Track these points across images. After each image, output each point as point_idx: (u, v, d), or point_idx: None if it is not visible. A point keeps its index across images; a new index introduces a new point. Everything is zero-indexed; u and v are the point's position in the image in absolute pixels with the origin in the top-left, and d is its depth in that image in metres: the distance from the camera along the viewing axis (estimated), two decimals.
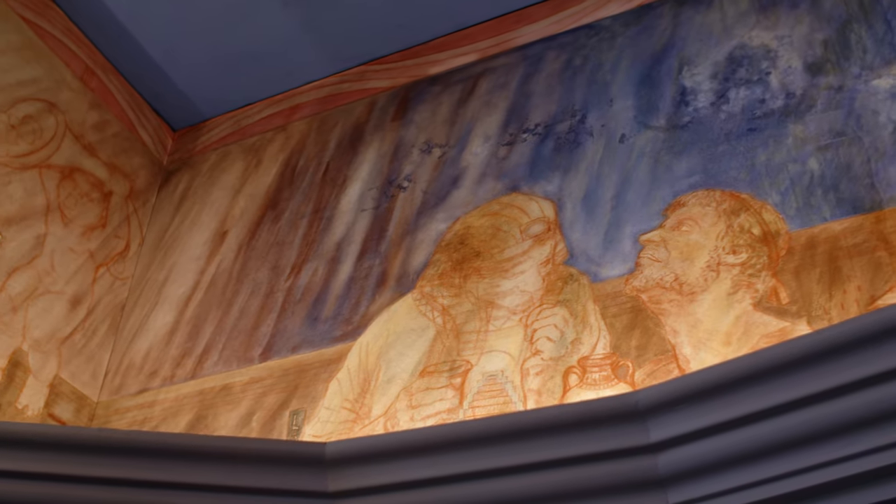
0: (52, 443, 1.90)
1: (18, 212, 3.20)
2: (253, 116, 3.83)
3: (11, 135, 3.26)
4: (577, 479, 1.76)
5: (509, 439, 1.83)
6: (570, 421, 1.82)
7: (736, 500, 1.67)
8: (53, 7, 3.56)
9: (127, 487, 1.89)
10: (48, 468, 1.88)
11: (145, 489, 1.89)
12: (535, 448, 1.82)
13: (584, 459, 1.77)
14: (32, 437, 1.91)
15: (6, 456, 1.87)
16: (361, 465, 1.89)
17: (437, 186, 3.14)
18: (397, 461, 1.89)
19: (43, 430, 1.96)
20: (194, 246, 3.52)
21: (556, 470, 1.78)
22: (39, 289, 3.18)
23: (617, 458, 1.76)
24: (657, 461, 1.73)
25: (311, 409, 2.79)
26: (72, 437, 1.93)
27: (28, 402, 3.01)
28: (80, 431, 1.96)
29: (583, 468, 1.76)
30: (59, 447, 1.90)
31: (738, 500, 1.67)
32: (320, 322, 3.00)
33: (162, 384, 3.15)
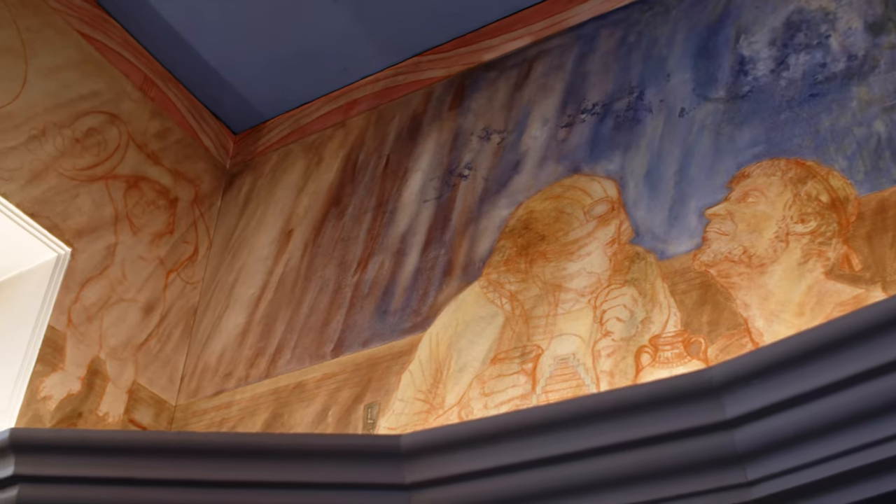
0: (134, 448, 1.93)
1: (88, 223, 3.26)
2: (311, 115, 3.86)
3: (77, 148, 3.31)
4: (654, 459, 1.75)
5: (584, 422, 1.82)
6: (644, 401, 1.80)
7: (817, 472, 1.64)
8: (110, 20, 3.61)
9: (208, 488, 1.91)
10: (132, 473, 1.91)
11: (226, 489, 1.92)
12: (610, 430, 1.81)
13: (660, 439, 1.75)
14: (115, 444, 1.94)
15: (90, 463, 1.91)
16: (437, 455, 1.89)
17: (498, 173, 3.13)
18: (473, 450, 1.89)
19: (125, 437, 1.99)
20: (261, 246, 3.55)
21: (632, 451, 1.76)
22: (113, 298, 3.24)
23: (693, 437, 1.74)
24: (734, 437, 1.71)
25: (385, 402, 2.81)
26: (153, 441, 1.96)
27: (109, 409, 3.07)
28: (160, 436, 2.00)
29: (659, 448, 1.75)
30: (141, 452, 1.93)
31: (820, 472, 1.64)
32: (389, 315, 3.01)
33: (237, 385, 3.18)
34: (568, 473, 1.82)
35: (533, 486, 1.81)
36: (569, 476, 1.82)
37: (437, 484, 1.90)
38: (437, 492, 1.89)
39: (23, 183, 3.10)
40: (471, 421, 1.91)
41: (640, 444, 1.77)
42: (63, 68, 3.37)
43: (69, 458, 1.90)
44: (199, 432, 1.94)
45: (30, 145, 3.17)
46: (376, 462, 1.92)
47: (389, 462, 1.92)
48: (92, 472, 1.90)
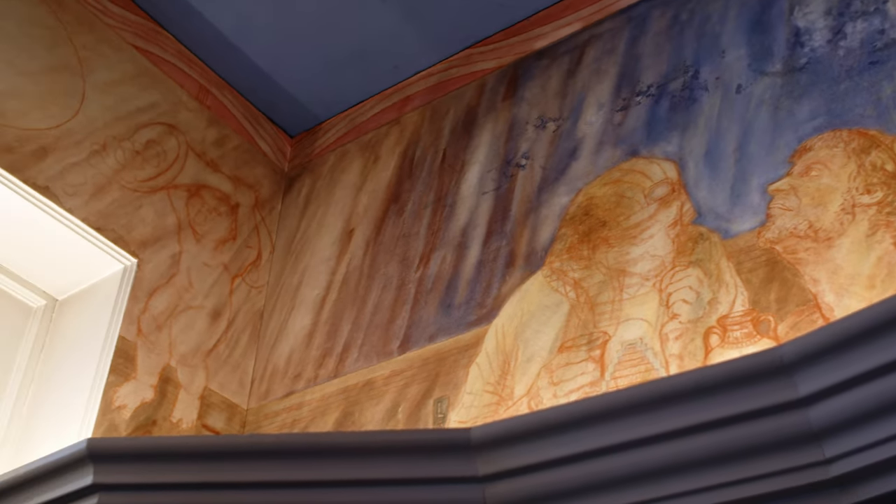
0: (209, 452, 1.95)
1: (152, 234, 3.30)
2: (366, 113, 3.87)
3: (137, 160, 3.36)
4: (728, 441, 1.73)
5: (655, 407, 1.80)
6: (715, 382, 1.78)
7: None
8: (163, 33, 3.65)
9: (283, 489, 1.93)
10: (208, 477, 1.93)
11: (301, 489, 1.93)
12: (682, 413, 1.79)
13: (733, 420, 1.73)
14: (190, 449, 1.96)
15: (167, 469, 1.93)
16: (509, 446, 1.89)
17: (556, 160, 3.12)
18: (544, 439, 1.88)
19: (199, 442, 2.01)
20: (323, 247, 3.57)
21: (705, 434, 1.74)
22: (180, 305, 3.28)
23: (766, 416, 1.71)
24: (808, 415, 1.68)
25: (454, 396, 2.81)
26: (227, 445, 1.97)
27: (182, 415, 3.11)
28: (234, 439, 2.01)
29: (732, 429, 1.73)
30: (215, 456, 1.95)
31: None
32: (454, 309, 3.01)
33: (307, 385, 3.21)
34: (641, 459, 1.80)
35: (607, 473, 1.80)
36: (642, 461, 1.80)
37: (510, 475, 1.89)
38: (510, 483, 1.88)
39: (87, 198, 3.15)
40: (541, 410, 1.90)
41: (713, 427, 1.75)
42: (120, 82, 3.41)
43: (146, 465, 1.93)
44: (272, 434, 1.96)
45: (92, 160, 3.22)
46: (448, 456, 1.92)
47: (461, 455, 1.92)
48: (169, 477, 1.92)
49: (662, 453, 1.77)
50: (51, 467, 1.94)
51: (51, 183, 3.08)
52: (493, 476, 1.89)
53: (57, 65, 3.24)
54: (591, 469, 1.83)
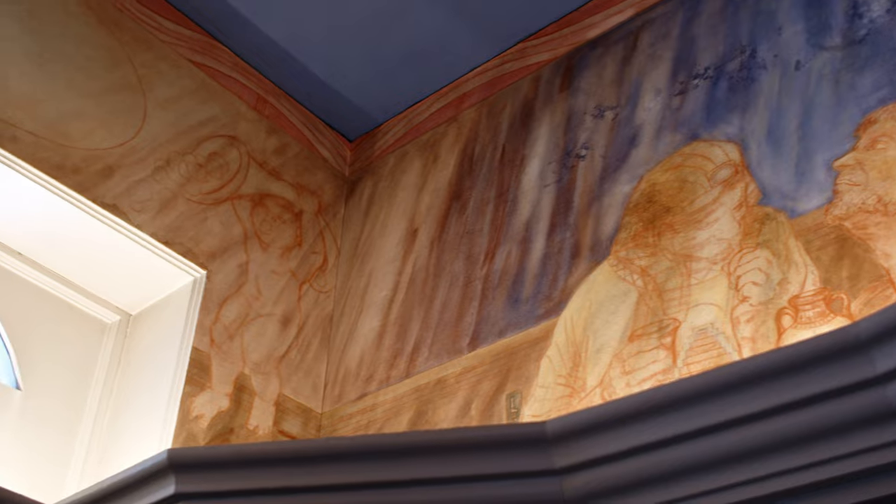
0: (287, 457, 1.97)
1: (219, 245, 3.34)
2: (423, 113, 3.88)
3: (201, 173, 3.40)
4: (805, 421, 1.70)
5: (730, 391, 1.78)
6: (790, 364, 1.75)
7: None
8: (218, 46, 3.69)
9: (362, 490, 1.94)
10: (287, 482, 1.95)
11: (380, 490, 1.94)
12: (757, 397, 1.77)
13: (810, 401, 1.70)
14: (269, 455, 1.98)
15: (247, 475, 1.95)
16: (584, 437, 1.88)
17: (616, 149, 3.10)
18: (620, 429, 1.87)
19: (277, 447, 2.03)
20: (388, 249, 3.59)
21: (782, 416, 1.72)
22: (251, 314, 3.32)
23: (844, 395, 1.68)
24: (887, 392, 1.65)
25: (526, 390, 2.81)
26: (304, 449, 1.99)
27: (258, 422, 3.15)
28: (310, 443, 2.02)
29: (809, 410, 1.70)
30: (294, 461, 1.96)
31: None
32: (521, 303, 3.01)
33: (379, 387, 3.23)
34: (718, 444, 1.78)
35: (684, 460, 1.79)
36: (720, 447, 1.78)
37: (587, 466, 1.88)
38: (588, 474, 1.87)
39: (154, 213, 3.20)
40: (615, 400, 1.88)
41: (790, 409, 1.72)
42: (179, 98, 3.46)
43: (226, 472, 1.95)
44: (348, 436, 1.97)
45: (156, 176, 3.27)
46: (524, 450, 1.91)
47: (537, 449, 1.91)
48: (249, 484, 1.94)
49: (739, 438, 1.75)
50: (133, 479, 1.97)
51: (118, 200, 3.13)
52: (570, 468, 1.88)
53: (117, 84, 3.30)
54: (667, 457, 1.82)
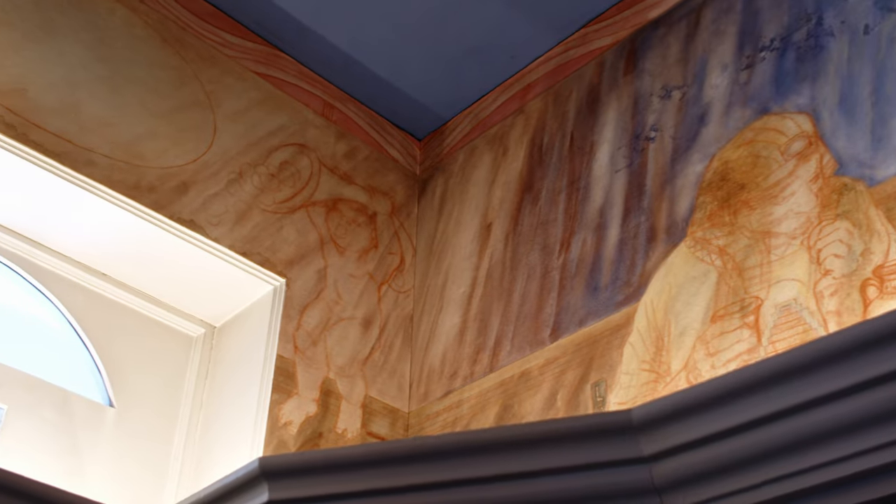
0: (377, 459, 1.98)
1: (296, 252, 3.38)
2: (489, 107, 3.87)
3: (273, 183, 3.44)
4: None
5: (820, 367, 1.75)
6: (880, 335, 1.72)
7: None
8: (282, 56, 3.73)
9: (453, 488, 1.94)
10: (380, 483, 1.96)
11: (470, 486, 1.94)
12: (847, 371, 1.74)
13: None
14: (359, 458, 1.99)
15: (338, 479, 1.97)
16: (671, 423, 1.86)
17: (685, 129, 3.06)
18: (708, 412, 1.85)
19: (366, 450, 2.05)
20: (464, 245, 3.59)
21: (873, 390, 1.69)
22: (332, 318, 3.35)
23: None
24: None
25: (610, 378, 2.79)
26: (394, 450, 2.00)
27: (346, 425, 3.18)
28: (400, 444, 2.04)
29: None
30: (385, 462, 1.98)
31: None
32: (600, 291, 2.99)
33: (464, 383, 3.23)
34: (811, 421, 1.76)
35: (775, 440, 1.76)
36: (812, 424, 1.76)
37: (676, 452, 1.86)
38: (677, 460, 1.86)
39: (230, 225, 3.25)
40: (701, 383, 1.86)
41: (882, 382, 1.69)
42: (247, 110, 3.51)
43: (318, 477, 1.97)
44: (435, 435, 1.98)
45: (230, 188, 3.31)
46: (611, 439, 1.90)
47: (625, 437, 1.90)
48: (342, 487, 1.96)
49: (831, 414, 1.72)
50: (227, 488, 2.00)
51: (195, 215, 3.18)
52: (658, 455, 1.87)
53: (187, 102, 3.35)
54: (758, 438, 1.79)
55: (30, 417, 2.89)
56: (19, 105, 2.95)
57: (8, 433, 2.83)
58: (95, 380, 3.13)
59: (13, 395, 2.88)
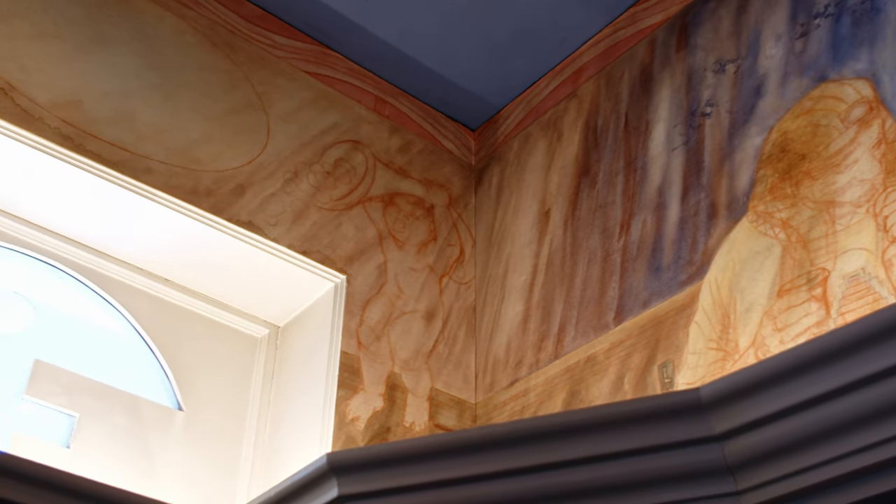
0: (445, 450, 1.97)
1: (355, 248, 3.39)
2: (541, 93, 3.85)
3: (329, 181, 3.45)
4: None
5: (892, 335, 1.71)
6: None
7: None
8: (332, 54, 3.74)
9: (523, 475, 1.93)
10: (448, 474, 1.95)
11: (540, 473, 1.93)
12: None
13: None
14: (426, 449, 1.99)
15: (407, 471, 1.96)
16: (741, 400, 1.83)
17: (741, 102, 3.01)
18: (778, 387, 1.81)
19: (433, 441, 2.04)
20: (523, 233, 3.57)
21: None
22: (394, 313, 3.35)
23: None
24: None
25: (678, 359, 2.76)
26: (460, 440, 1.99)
27: (413, 418, 3.18)
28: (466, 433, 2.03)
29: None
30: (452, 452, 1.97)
31: None
32: (663, 271, 2.96)
33: (529, 371, 3.22)
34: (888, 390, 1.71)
35: (848, 413, 1.72)
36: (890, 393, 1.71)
37: (747, 429, 1.83)
38: (749, 437, 1.82)
39: (289, 225, 3.26)
40: (770, 358, 1.83)
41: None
42: (299, 110, 3.52)
43: (386, 470, 1.97)
44: (502, 423, 1.97)
45: (287, 188, 3.33)
46: (681, 419, 1.88)
47: (694, 416, 1.87)
48: (410, 479, 1.96)
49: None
50: (297, 486, 2.01)
51: (253, 217, 3.20)
52: (730, 433, 1.84)
53: (239, 105, 3.37)
54: (833, 411, 1.76)
55: (101, 424, 2.93)
56: (75, 117, 2.99)
57: (80, 440, 2.87)
58: (163, 384, 3.16)
59: (84, 402, 2.92)
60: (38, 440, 2.80)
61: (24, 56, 2.97)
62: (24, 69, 2.96)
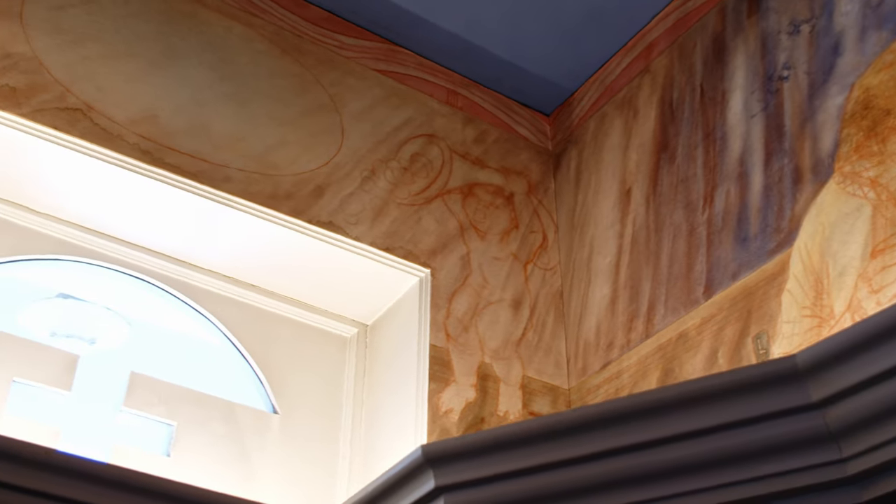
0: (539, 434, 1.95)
1: (437, 241, 3.38)
2: (614, 71, 3.80)
3: (406, 176, 3.46)
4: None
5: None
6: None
7: None
8: (400, 50, 3.74)
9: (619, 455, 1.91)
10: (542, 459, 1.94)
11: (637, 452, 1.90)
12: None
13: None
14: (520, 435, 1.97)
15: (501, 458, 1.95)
16: (839, 365, 1.78)
17: (819, 62, 2.93)
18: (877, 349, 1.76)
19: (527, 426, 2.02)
20: (605, 214, 3.54)
21: None
22: (481, 303, 3.34)
23: None
24: None
25: (771, 329, 2.70)
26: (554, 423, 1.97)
27: (507, 407, 3.16)
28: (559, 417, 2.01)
29: None
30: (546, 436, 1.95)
31: None
32: (750, 241, 2.90)
33: (621, 352, 3.18)
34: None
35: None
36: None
37: (848, 394, 1.78)
38: (850, 402, 1.77)
39: (369, 223, 3.27)
40: (865, 320, 1.77)
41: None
42: (372, 108, 3.53)
43: (481, 459, 1.96)
44: (594, 404, 1.94)
45: (365, 186, 3.34)
46: (778, 388, 1.83)
47: (792, 384, 1.83)
48: (506, 467, 1.94)
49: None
50: (394, 480, 2.01)
51: (333, 217, 3.22)
52: (829, 399, 1.79)
53: (312, 107, 3.39)
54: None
55: (199, 431, 2.97)
56: (152, 131, 3.03)
57: (180, 448, 2.92)
58: (257, 389, 3.20)
59: (181, 411, 2.97)
60: (139, 450, 2.85)
61: (99, 76, 3.03)
62: (100, 89, 3.01)
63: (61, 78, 2.97)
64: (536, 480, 1.94)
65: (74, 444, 2.73)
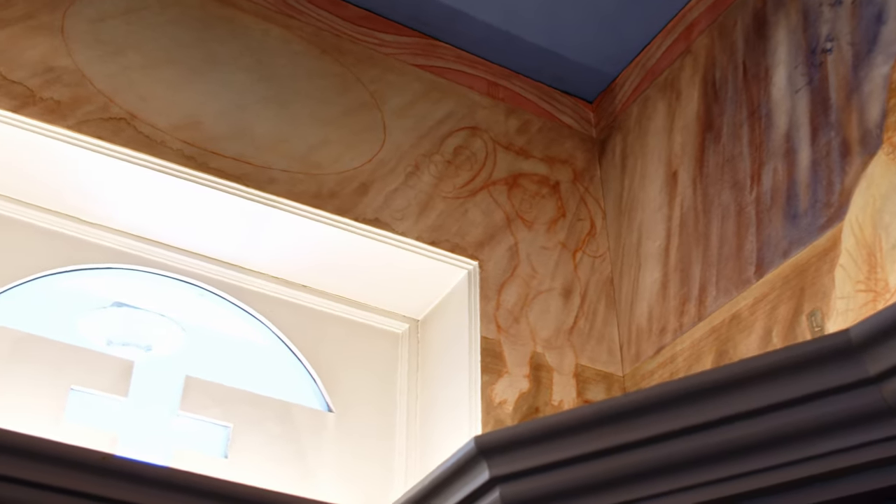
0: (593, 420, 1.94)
1: (484, 233, 3.38)
2: (655, 54, 3.77)
3: (450, 170, 3.45)
4: None
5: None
6: None
7: None
8: (438, 44, 3.74)
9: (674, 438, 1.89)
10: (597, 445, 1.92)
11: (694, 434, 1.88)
12: None
13: None
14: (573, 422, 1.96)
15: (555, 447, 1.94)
16: (894, 338, 1.75)
17: (863, 32, 2.88)
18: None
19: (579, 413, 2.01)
20: (652, 198, 3.51)
21: None
22: (530, 293, 3.32)
23: None
24: None
25: (825, 306, 2.66)
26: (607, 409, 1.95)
27: (561, 396, 3.15)
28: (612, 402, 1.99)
29: None
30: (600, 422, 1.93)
31: None
32: (800, 217, 2.86)
33: (674, 336, 3.15)
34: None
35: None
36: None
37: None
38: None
39: (415, 218, 3.27)
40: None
41: None
42: (413, 103, 3.53)
43: (535, 448, 1.94)
44: (646, 388, 1.92)
45: (409, 182, 3.34)
46: (833, 363, 1.80)
47: (847, 359, 1.79)
48: (560, 454, 1.93)
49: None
50: (448, 472, 2.01)
51: (378, 214, 3.22)
52: (887, 373, 1.75)
53: (353, 105, 3.40)
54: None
55: (255, 432, 2.99)
56: (195, 137, 3.06)
57: (237, 449, 2.94)
58: (311, 388, 3.21)
59: (237, 413, 2.99)
60: (197, 453, 2.88)
61: (140, 85, 3.06)
62: (142, 97, 3.04)
63: (104, 89, 3.01)
64: (593, 467, 1.92)
65: (132, 450, 2.77)
